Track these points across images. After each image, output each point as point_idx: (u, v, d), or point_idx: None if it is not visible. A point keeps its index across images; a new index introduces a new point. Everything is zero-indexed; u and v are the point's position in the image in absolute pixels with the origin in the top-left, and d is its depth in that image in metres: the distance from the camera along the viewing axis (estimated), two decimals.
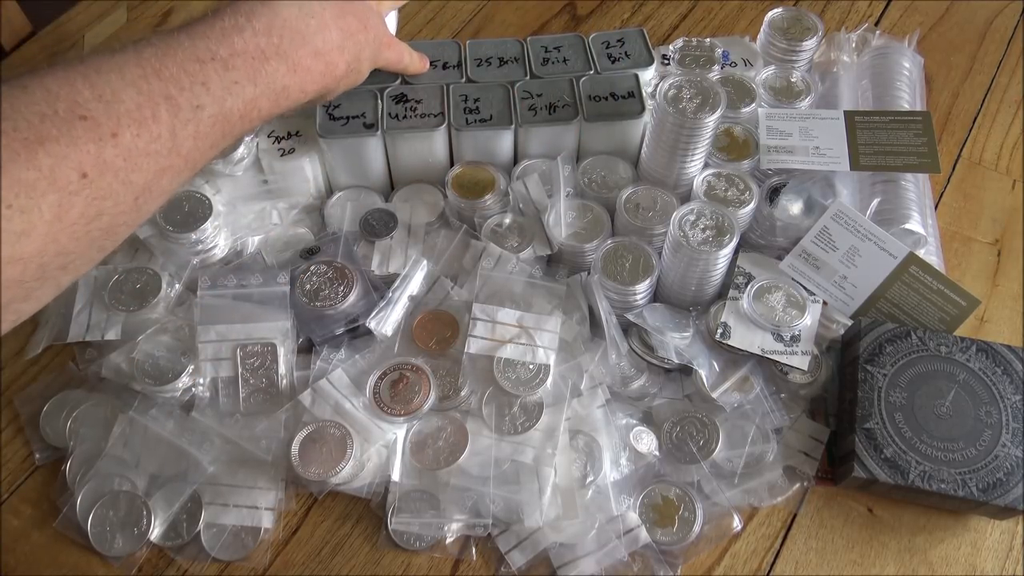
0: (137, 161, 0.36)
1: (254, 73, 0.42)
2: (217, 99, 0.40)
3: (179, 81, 0.38)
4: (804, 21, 0.75)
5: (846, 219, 0.63)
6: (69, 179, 0.33)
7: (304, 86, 0.46)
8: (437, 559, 0.56)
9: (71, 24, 0.87)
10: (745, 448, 0.59)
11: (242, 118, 0.41)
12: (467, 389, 0.60)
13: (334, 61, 0.49)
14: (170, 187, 0.39)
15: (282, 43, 0.44)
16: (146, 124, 0.36)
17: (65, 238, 0.34)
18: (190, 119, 0.38)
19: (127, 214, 0.37)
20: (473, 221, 0.67)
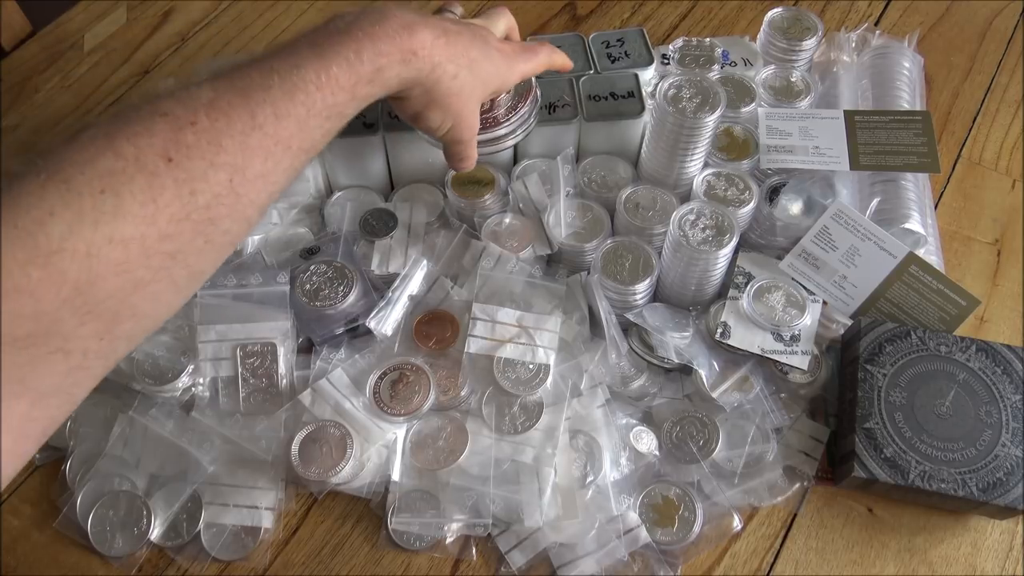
0: (221, 143, 0.38)
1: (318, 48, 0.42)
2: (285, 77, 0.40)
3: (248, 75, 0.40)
4: (804, 21, 0.75)
5: (846, 219, 0.63)
6: (155, 164, 0.36)
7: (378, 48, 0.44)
8: (437, 559, 0.56)
9: (71, 24, 0.88)
10: (745, 448, 0.59)
11: (319, 88, 0.41)
12: (467, 389, 0.60)
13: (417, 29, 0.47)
14: (267, 169, 0.40)
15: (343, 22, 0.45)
16: (221, 110, 0.38)
17: (164, 220, 0.36)
18: (263, 100, 0.39)
19: (224, 196, 0.38)
20: (473, 221, 0.67)
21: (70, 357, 0.35)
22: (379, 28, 0.45)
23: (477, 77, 0.51)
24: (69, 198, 0.34)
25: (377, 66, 0.44)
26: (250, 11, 0.88)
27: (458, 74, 0.50)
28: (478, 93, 0.53)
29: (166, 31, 0.87)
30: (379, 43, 0.44)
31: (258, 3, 0.89)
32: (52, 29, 0.87)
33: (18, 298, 0.32)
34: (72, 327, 0.34)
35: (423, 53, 0.46)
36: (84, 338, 0.35)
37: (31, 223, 0.33)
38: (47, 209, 0.33)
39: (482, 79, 0.52)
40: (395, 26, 0.45)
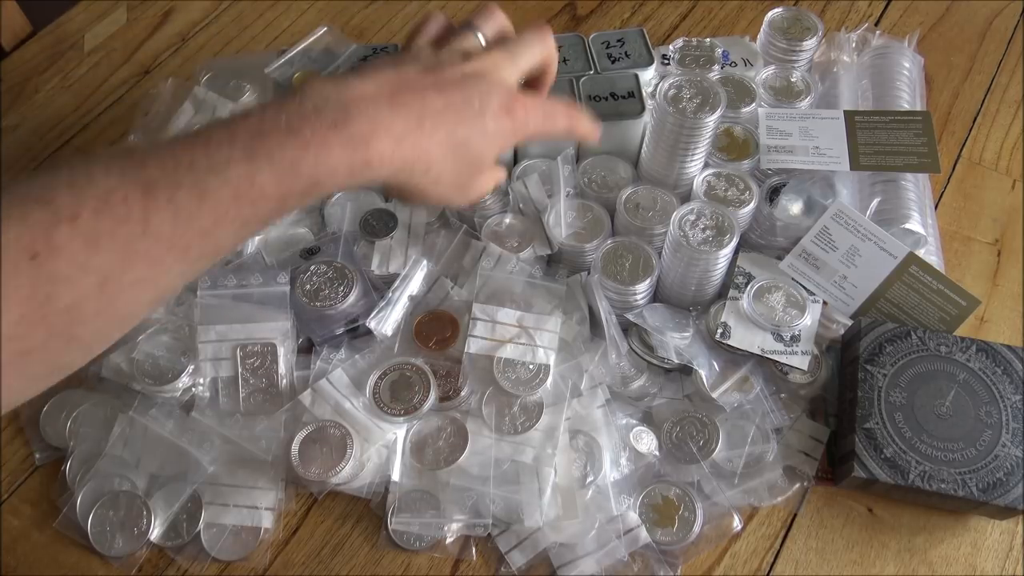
0: (98, 244, 0.34)
1: (251, 150, 0.37)
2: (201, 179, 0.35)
3: (163, 166, 0.35)
4: (804, 21, 0.75)
5: (846, 219, 0.63)
6: (16, 259, 0.32)
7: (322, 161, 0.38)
8: (437, 559, 0.56)
9: (71, 24, 0.88)
10: (745, 448, 0.59)
11: (237, 199, 0.36)
12: (467, 389, 0.60)
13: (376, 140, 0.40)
14: (152, 274, 0.36)
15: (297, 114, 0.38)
16: (112, 206, 0.34)
17: (11, 321, 0.32)
18: (166, 201, 0.35)
19: (92, 299, 0.34)
20: (473, 221, 0.67)
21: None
22: (333, 134, 0.38)
23: (464, 159, 0.45)
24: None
25: (315, 180, 0.38)
26: (250, 11, 0.88)
27: (430, 168, 0.43)
28: (467, 175, 0.46)
29: (166, 31, 0.87)
30: (325, 155, 0.38)
31: (258, 3, 0.89)
32: (52, 29, 0.87)
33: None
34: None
35: (378, 163, 0.40)
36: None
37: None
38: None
39: (472, 159, 0.46)
40: (353, 133, 0.39)
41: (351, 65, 0.68)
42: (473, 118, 0.44)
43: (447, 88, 0.44)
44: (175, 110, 0.68)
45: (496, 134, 0.46)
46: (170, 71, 0.83)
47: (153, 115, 0.69)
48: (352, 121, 0.39)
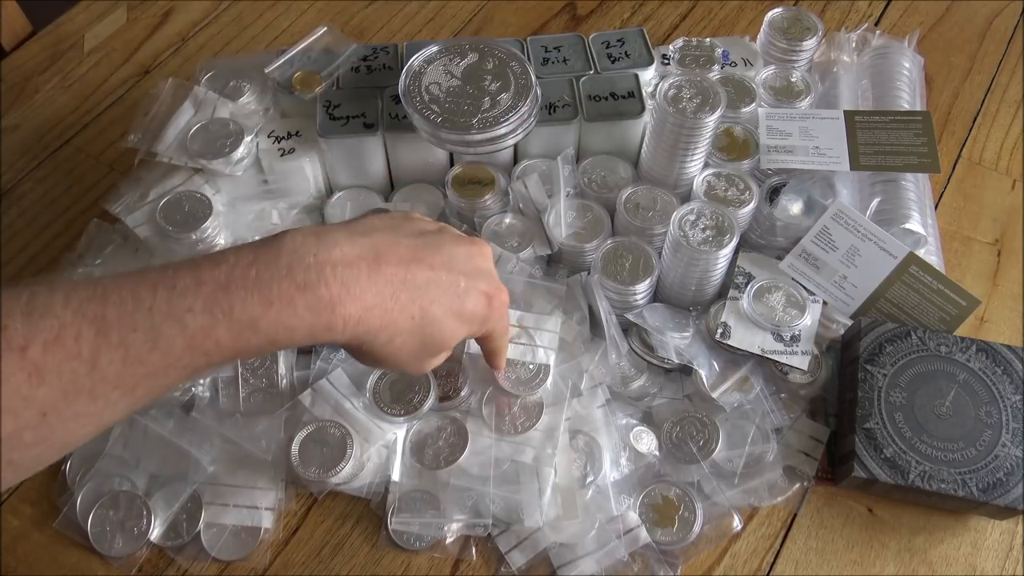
0: (44, 377, 0.34)
1: (213, 301, 0.36)
2: (156, 325, 0.35)
3: (123, 303, 0.35)
4: (804, 21, 0.75)
5: (846, 219, 0.63)
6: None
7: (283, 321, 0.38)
8: (437, 559, 0.56)
9: (71, 24, 0.88)
10: (745, 448, 0.59)
11: (190, 348, 0.36)
12: (467, 389, 0.60)
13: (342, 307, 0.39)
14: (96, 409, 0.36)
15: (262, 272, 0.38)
16: (62, 342, 0.34)
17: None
18: (118, 343, 0.35)
19: (31, 430, 0.34)
20: (473, 221, 0.67)
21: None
22: (299, 295, 0.38)
23: (431, 337, 0.44)
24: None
25: (272, 339, 0.38)
26: (250, 11, 0.88)
27: (394, 339, 0.42)
28: (429, 352, 0.46)
29: (166, 31, 0.87)
30: (287, 315, 0.38)
31: (258, 3, 0.89)
32: (52, 29, 0.87)
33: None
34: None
35: (341, 328, 0.40)
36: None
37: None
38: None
39: (439, 339, 0.45)
40: (321, 295, 0.38)
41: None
42: (452, 299, 0.44)
43: (436, 265, 0.44)
44: (175, 110, 0.68)
45: (470, 319, 0.46)
46: (170, 71, 0.83)
47: (153, 115, 0.69)
48: (322, 285, 0.39)
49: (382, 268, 0.41)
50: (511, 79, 0.62)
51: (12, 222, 0.73)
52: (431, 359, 0.48)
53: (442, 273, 0.44)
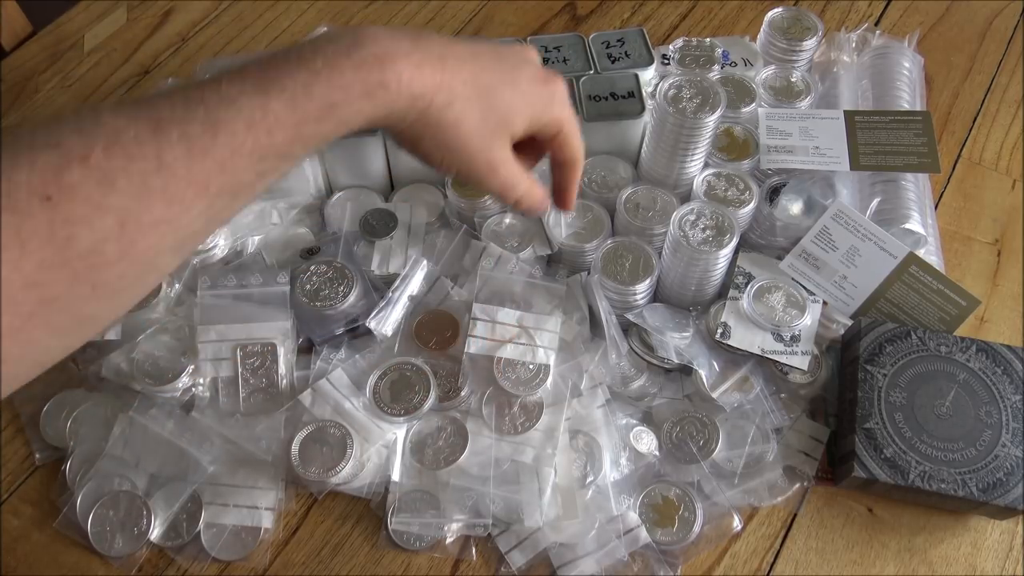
0: (113, 183, 0.33)
1: (261, 79, 0.36)
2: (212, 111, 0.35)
3: (173, 104, 0.35)
4: (804, 21, 0.75)
5: (846, 219, 0.63)
6: (29, 202, 0.32)
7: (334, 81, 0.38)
8: (437, 559, 0.56)
9: (71, 24, 0.88)
10: (745, 448, 0.59)
11: (250, 127, 0.36)
12: (467, 389, 0.60)
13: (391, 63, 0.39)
14: (173, 213, 0.35)
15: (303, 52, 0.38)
16: (122, 145, 0.34)
17: (31, 266, 0.32)
18: (178, 137, 0.34)
19: (112, 241, 0.34)
20: (473, 221, 0.67)
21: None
22: (345, 58, 0.38)
23: (491, 107, 0.43)
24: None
25: (329, 102, 0.37)
26: (250, 11, 0.88)
27: (453, 103, 0.41)
28: (492, 126, 0.44)
29: (166, 31, 0.87)
30: (337, 75, 0.37)
31: (258, 3, 0.89)
32: (52, 29, 0.87)
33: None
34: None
35: (395, 86, 0.39)
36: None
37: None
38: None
39: (500, 110, 0.43)
40: (365, 55, 0.38)
41: None
42: (504, 71, 0.44)
43: (476, 45, 0.43)
44: None
45: (528, 94, 0.45)
46: (170, 71, 0.83)
47: None
48: (366, 44, 0.38)
49: (421, 39, 0.40)
50: None
51: None
52: (497, 139, 0.45)
53: (483, 49, 0.43)
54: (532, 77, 0.45)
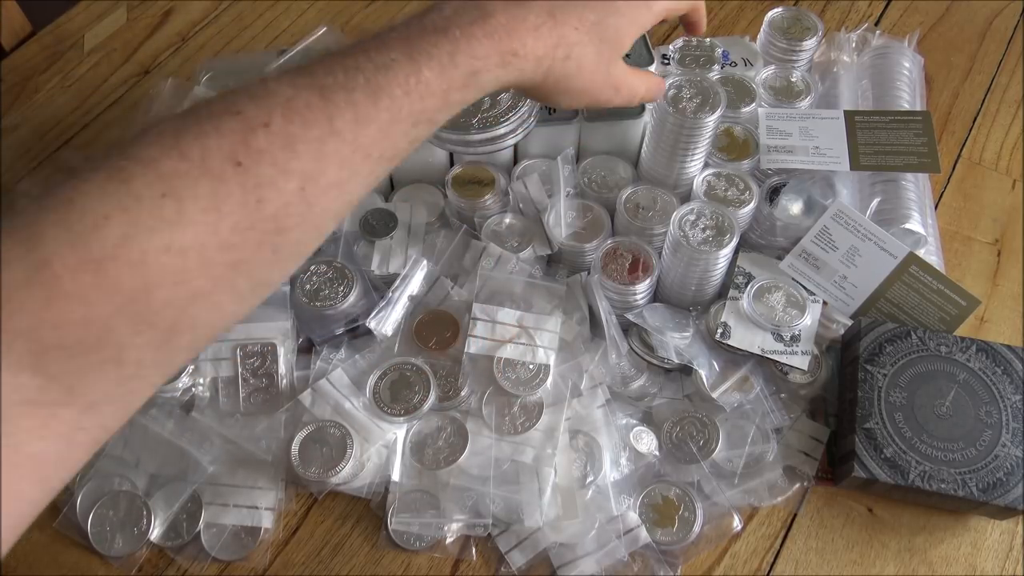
0: (294, 148, 0.35)
1: (409, 48, 0.38)
2: (370, 80, 0.37)
3: (331, 72, 0.37)
4: (804, 21, 0.75)
5: (846, 219, 0.63)
6: (222, 167, 0.33)
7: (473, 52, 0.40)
8: (437, 559, 0.56)
9: (71, 24, 0.88)
10: (745, 448, 0.59)
11: (407, 95, 0.38)
12: (467, 389, 0.60)
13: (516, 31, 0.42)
14: (342, 177, 0.37)
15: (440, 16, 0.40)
16: (298, 111, 0.35)
17: (226, 229, 0.33)
18: (344, 103, 0.36)
19: (294, 205, 0.35)
20: (473, 221, 0.67)
21: (123, 367, 0.34)
22: (477, 27, 0.41)
23: (602, 40, 0.46)
24: (127, 202, 0.32)
25: (472, 70, 0.40)
26: (250, 11, 0.88)
27: (570, 54, 0.45)
28: (607, 56, 0.47)
29: (166, 31, 0.87)
30: (475, 45, 0.40)
31: (258, 3, 0.89)
32: (52, 29, 0.87)
33: (67, 303, 0.31)
34: (126, 336, 0.33)
35: (523, 52, 0.42)
36: (139, 348, 0.33)
37: (84, 227, 0.31)
38: (103, 212, 0.31)
39: (611, 39, 0.47)
40: (494, 25, 0.41)
41: None
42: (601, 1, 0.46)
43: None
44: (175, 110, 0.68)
45: (629, 10, 0.48)
46: (170, 71, 0.83)
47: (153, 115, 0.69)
48: (491, 16, 0.41)
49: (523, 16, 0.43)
50: None
51: None
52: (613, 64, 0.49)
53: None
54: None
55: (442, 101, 0.40)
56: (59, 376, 0.31)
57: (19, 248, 0.31)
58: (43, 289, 0.30)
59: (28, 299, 0.30)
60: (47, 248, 0.31)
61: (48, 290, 0.30)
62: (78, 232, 0.31)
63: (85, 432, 0.34)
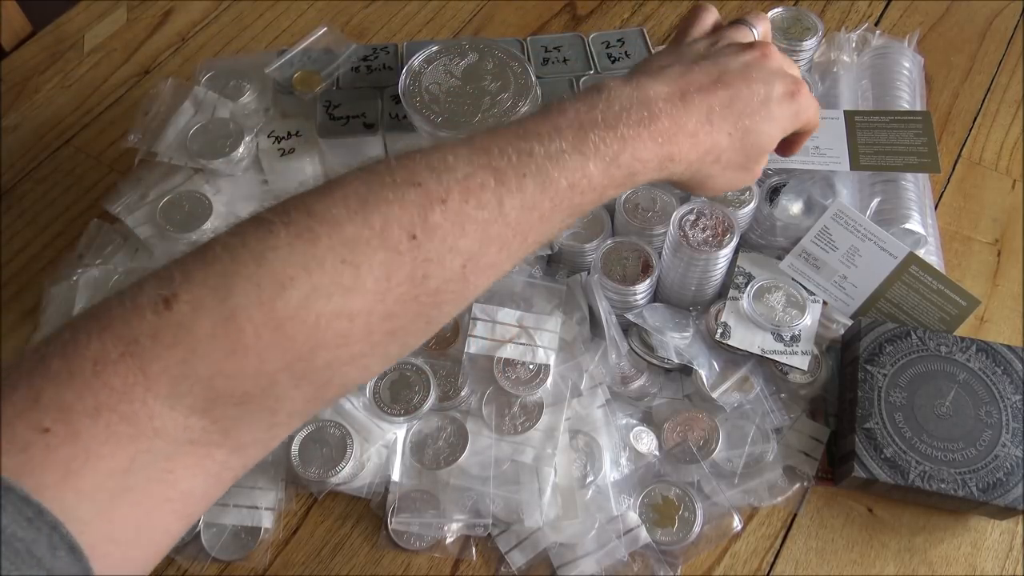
0: (464, 227, 0.36)
1: (579, 141, 0.39)
2: (541, 168, 0.38)
3: (505, 153, 0.38)
4: (804, 21, 0.75)
5: (846, 219, 0.63)
6: (399, 239, 0.34)
7: (637, 155, 0.41)
8: (437, 559, 0.56)
9: (71, 24, 0.88)
10: (745, 448, 0.59)
11: (571, 187, 0.39)
12: (467, 389, 0.60)
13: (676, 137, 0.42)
14: (499, 259, 0.38)
15: (609, 112, 0.41)
16: (473, 191, 0.36)
17: (392, 299, 0.35)
18: (515, 189, 0.37)
19: (454, 282, 0.37)
20: None
21: (276, 415, 0.35)
22: (644, 129, 0.41)
23: (751, 145, 0.46)
24: (311, 264, 0.33)
25: (632, 171, 0.41)
26: (250, 11, 0.88)
27: (720, 157, 0.45)
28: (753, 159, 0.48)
29: (166, 31, 0.87)
30: (640, 148, 0.41)
31: (258, 3, 0.89)
32: (52, 29, 0.87)
33: (245, 357, 0.32)
34: (286, 390, 0.34)
35: (679, 157, 0.43)
36: (293, 400, 0.35)
37: (273, 285, 0.33)
38: (289, 273, 0.33)
39: (754, 146, 0.47)
40: (658, 129, 0.41)
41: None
42: (758, 107, 0.46)
43: (732, 81, 0.45)
44: (175, 110, 0.68)
45: (780, 118, 0.48)
46: (170, 71, 0.83)
47: (153, 115, 0.69)
48: (656, 119, 0.42)
49: (690, 98, 0.43)
50: (511, 79, 0.62)
51: (12, 222, 0.73)
52: (756, 166, 0.49)
53: (741, 87, 0.45)
54: (781, 96, 0.47)
55: (599, 196, 0.41)
56: (220, 420, 0.33)
57: (212, 298, 0.32)
58: (227, 341, 0.32)
59: (213, 349, 0.32)
60: (236, 302, 0.32)
61: (232, 343, 0.32)
62: (266, 290, 0.32)
63: (230, 471, 0.35)
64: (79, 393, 0.30)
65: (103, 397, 0.30)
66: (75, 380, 0.30)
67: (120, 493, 0.30)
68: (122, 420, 0.30)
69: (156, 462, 0.31)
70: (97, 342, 0.31)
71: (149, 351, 0.31)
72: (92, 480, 0.29)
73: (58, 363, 0.30)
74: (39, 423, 0.29)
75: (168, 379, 0.31)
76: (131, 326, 0.31)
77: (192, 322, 0.31)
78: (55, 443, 0.29)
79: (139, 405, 0.30)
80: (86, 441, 0.29)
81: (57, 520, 0.27)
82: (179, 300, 0.32)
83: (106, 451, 0.30)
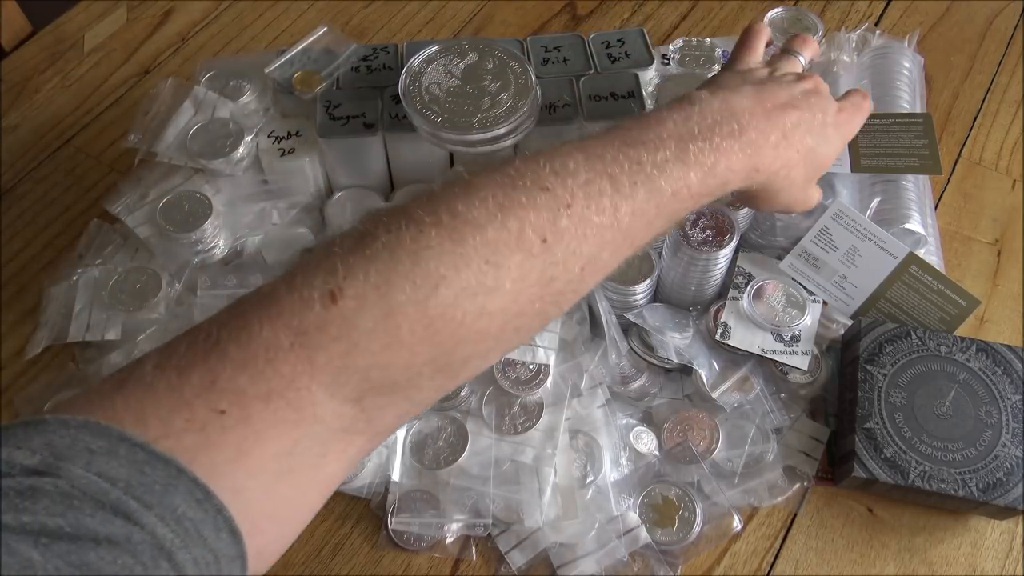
0: (585, 232, 0.38)
1: (681, 152, 0.41)
2: (649, 176, 0.40)
3: (617, 161, 0.40)
4: (804, 21, 0.75)
5: (846, 219, 0.63)
6: (532, 242, 0.36)
7: (730, 165, 0.43)
8: (437, 559, 0.56)
9: (71, 24, 0.88)
10: (745, 448, 0.59)
11: (674, 195, 0.41)
12: (467, 389, 0.60)
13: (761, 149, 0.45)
14: (610, 262, 0.40)
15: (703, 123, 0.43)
16: (593, 197, 0.38)
17: (523, 300, 0.37)
18: (628, 195, 0.39)
19: (573, 283, 0.38)
20: None
21: (411, 404, 0.37)
22: (735, 141, 0.43)
23: (812, 163, 0.50)
24: (460, 264, 0.35)
25: (724, 180, 0.43)
26: (250, 11, 0.88)
27: (790, 171, 0.48)
28: (812, 176, 0.52)
29: (166, 31, 0.87)
30: (733, 159, 0.43)
31: (258, 3, 0.89)
32: (52, 29, 0.87)
33: (399, 351, 0.34)
34: (425, 381, 0.36)
35: (762, 168, 0.46)
36: (428, 390, 0.37)
37: (428, 284, 0.34)
38: (441, 272, 0.35)
39: (815, 164, 0.51)
40: (747, 141, 0.44)
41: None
42: (819, 128, 0.50)
43: (799, 104, 0.49)
44: (175, 110, 0.68)
45: (835, 139, 0.52)
46: (170, 71, 0.83)
47: (153, 115, 0.69)
48: (745, 131, 0.44)
49: (771, 114, 0.46)
50: (511, 79, 0.62)
51: (12, 222, 0.73)
52: (814, 189, 0.54)
53: (805, 111, 0.49)
54: (836, 120, 0.52)
55: (694, 203, 0.42)
56: (368, 409, 0.35)
57: (374, 295, 0.34)
58: (385, 336, 0.34)
59: (372, 343, 0.34)
60: (395, 299, 0.34)
61: (389, 338, 0.34)
62: (421, 289, 0.34)
63: (361, 456, 0.37)
64: (253, 378, 0.32)
65: (274, 383, 0.32)
66: (249, 366, 0.32)
67: (282, 474, 0.32)
68: (288, 406, 0.32)
69: (313, 447, 0.33)
70: (269, 330, 0.33)
71: (316, 342, 0.33)
72: (259, 461, 0.32)
73: (234, 348, 0.32)
74: (216, 405, 0.31)
75: (331, 370, 0.33)
76: (300, 317, 0.33)
77: (356, 317, 0.33)
78: (229, 424, 0.31)
79: (304, 392, 0.32)
80: (257, 424, 0.31)
81: (222, 504, 0.29)
82: (344, 295, 0.33)
83: (273, 434, 0.32)
